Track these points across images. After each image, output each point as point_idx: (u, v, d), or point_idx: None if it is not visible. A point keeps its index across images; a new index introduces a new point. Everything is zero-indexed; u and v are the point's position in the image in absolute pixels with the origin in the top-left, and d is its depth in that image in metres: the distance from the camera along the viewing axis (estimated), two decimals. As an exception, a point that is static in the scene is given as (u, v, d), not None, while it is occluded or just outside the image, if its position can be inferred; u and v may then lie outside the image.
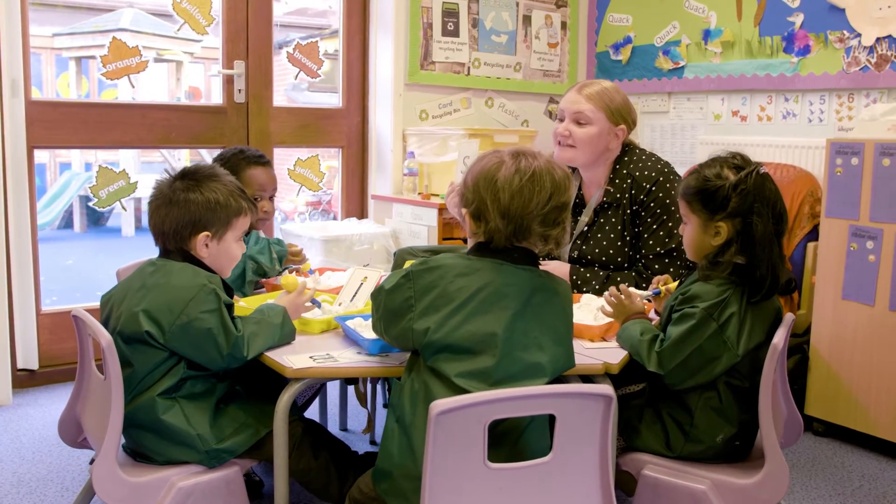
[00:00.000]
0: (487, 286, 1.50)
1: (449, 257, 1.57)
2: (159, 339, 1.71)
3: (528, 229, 1.53)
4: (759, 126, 3.55)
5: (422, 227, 3.50)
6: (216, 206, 1.82)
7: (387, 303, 1.57)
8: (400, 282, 1.56)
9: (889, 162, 2.59)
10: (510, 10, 4.11)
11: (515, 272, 1.54)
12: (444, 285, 1.51)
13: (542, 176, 1.53)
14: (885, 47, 3.06)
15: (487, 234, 1.54)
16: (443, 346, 1.48)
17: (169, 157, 8.78)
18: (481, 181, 1.55)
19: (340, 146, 3.92)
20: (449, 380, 1.46)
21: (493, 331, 1.48)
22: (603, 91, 2.40)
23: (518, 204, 1.52)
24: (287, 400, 1.69)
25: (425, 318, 1.50)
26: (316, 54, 3.73)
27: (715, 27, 3.67)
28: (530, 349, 1.51)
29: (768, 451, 1.74)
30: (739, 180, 1.79)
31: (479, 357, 1.47)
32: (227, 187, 1.86)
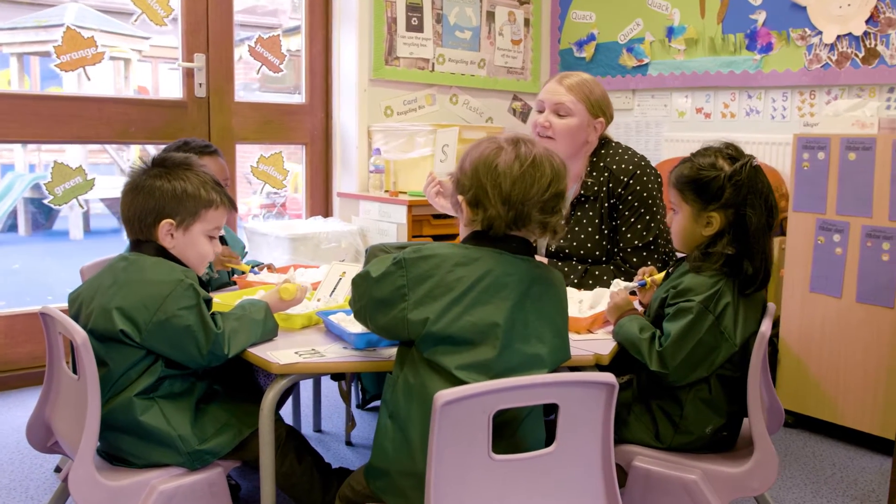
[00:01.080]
0: (487, 275, 1.47)
1: (443, 246, 1.52)
2: (135, 337, 1.63)
3: (528, 216, 1.50)
4: (722, 123, 3.60)
5: (390, 224, 3.45)
6: (183, 194, 1.75)
7: (374, 291, 1.52)
8: (390, 269, 1.50)
9: (855, 156, 2.64)
10: (474, 5, 4.09)
11: (514, 262, 1.51)
12: (441, 274, 1.46)
13: (542, 162, 1.51)
14: (845, 45, 3.13)
15: (486, 221, 1.50)
16: (442, 338, 1.44)
17: (117, 158, 8.55)
18: (481, 167, 1.51)
19: (304, 143, 3.85)
20: (448, 372, 1.42)
21: (495, 321, 1.44)
22: (583, 83, 2.39)
23: (519, 190, 1.48)
24: (273, 398, 1.64)
25: (422, 308, 1.45)
26: (278, 48, 3.65)
27: (678, 24, 3.71)
28: (530, 340, 1.48)
29: (757, 440, 1.75)
30: (734, 171, 1.79)
31: (479, 348, 1.44)
32: (199, 177, 1.79)
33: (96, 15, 7.88)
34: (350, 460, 2.56)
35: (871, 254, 2.61)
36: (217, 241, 1.84)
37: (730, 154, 1.84)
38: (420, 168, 3.52)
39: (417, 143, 3.53)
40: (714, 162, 1.82)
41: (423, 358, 1.46)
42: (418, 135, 3.52)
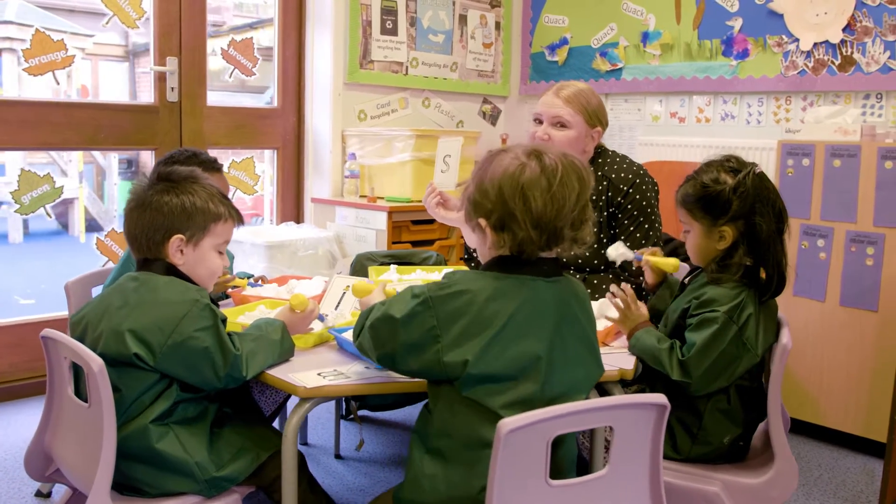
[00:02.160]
0: (523, 307, 1.38)
1: (469, 278, 1.42)
2: (149, 361, 1.56)
3: (560, 235, 1.40)
4: (697, 127, 3.64)
5: (369, 230, 3.39)
6: (192, 209, 1.67)
7: (401, 335, 1.42)
8: (416, 309, 1.40)
9: (840, 163, 2.70)
10: (447, 9, 4.06)
11: (548, 287, 1.43)
12: (475, 311, 1.37)
13: (569, 175, 1.40)
14: (821, 52, 3.20)
15: (516, 245, 1.41)
16: (484, 377, 1.37)
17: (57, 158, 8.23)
18: (506, 187, 1.40)
19: (276, 147, 3.76)
20: (493, 412, 1.36)
21: (536, 353, 1.38)
22: (580, 93, 2.37)
23: (552, 211, 1.38)
24: (296, 423, 1.58)
25: (460, 349, 1.37)
26: (251, 51, 3.56)
27: (654, 30, 3.74)
28: (571, 365, 1.43)
29: (777, 450, 1.77)
30: (738, 183, 1.80)
31: (522, 383, 1.37)
32: (206, 190, 1.72)
33: (36, 12, 7.58)
34: (340, 474, 2.50)
35: (855, 258, 2.68)
36: (226, 256, 1.78)
37: (732, 167, 1.84)
38: (398, 174, 3.48)
39: (395, 148, 3.48)
40: (717, 177, 1.82)
41: (462, 397, 1.39)
42: (396, 140, 3.47)
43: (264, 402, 2.26)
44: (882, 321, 2.64)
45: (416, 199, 3.43)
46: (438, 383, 1.44)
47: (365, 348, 1.52)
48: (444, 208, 2.39)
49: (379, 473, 2.50)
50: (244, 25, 8.60)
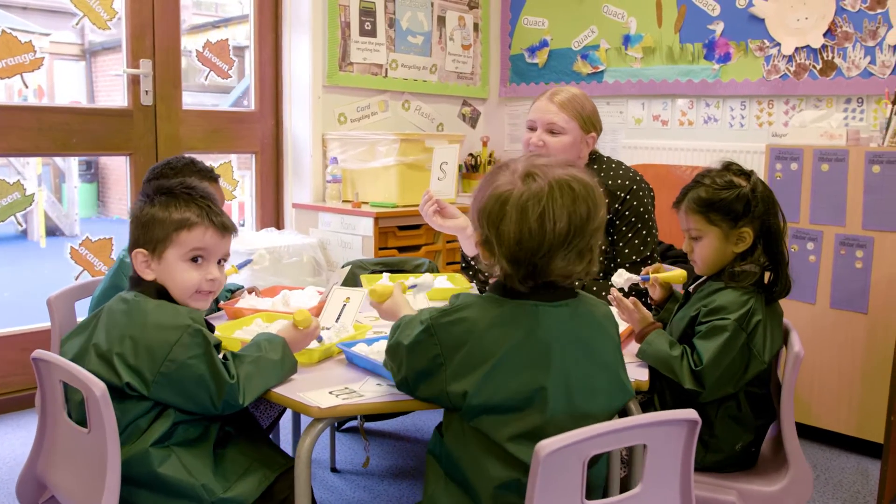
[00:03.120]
0: (528, 336, 1.31)
1: (472, 303, 1.35)
2: (143, 391, 1.48)
3: (545, 270, 1.29)
4: (680, 130, 3.65)
5: (354, 236, 3.33)
6: (149, 219, 1.58)
7: (411, 362, 1.38)
8: (420, 337, 1.36)
9: (828, 167, 2.72)
10: (425, 10, 4.01)
11: (554, 313, 1.33)
12: (474, 340, 1.31)
13: (558, 204, 1.27)
14: (803, 56, 3.23)
15: (501, 273, 1.34)
16: (485, 409, 1.31)
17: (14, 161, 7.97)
18: (492, 209, 1.30)
19: (254, 151, 3.67)
20: (499, 447, 1.31)
21: (541, 385, 1.31)
22: (574, 98, 2.34)
23: (527, 247, 1.27)
24: (310, 444, 1.51)
25: (460, 381, 1.31)
26: (227, 53, 3.47)
27: (635, 33, 3.74)
28: (583, 394, 1.35)
29: (792, 457, 1.76)
30: (754, 184, 1.81)
31: (528, 415, 1.31)
32: (173, 197, 1.60)
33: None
34: (339, 488, 2.44)
35: (845, 261, 2.70)
36: (211, 267, 1.62)
37: (739, 169, 1.85)
38: (382, 178, 3.42)
39: (379, 152, 3.42)
40: (731, 180, 1.82)
41: (469, 427, 1.34)
42: (380, 144, 3.41)
43: (259, 415, 2.19)
44: (872, 323, 2.67)
45: (401, 204, 3.38)
46: (450, 409, 1.39)
47: (390, 372, 1.49)
48: (441, 217, 2.35)
49: (378, 487, 2.44)
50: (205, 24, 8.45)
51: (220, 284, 1.65)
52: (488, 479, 1.33)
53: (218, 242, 1.63)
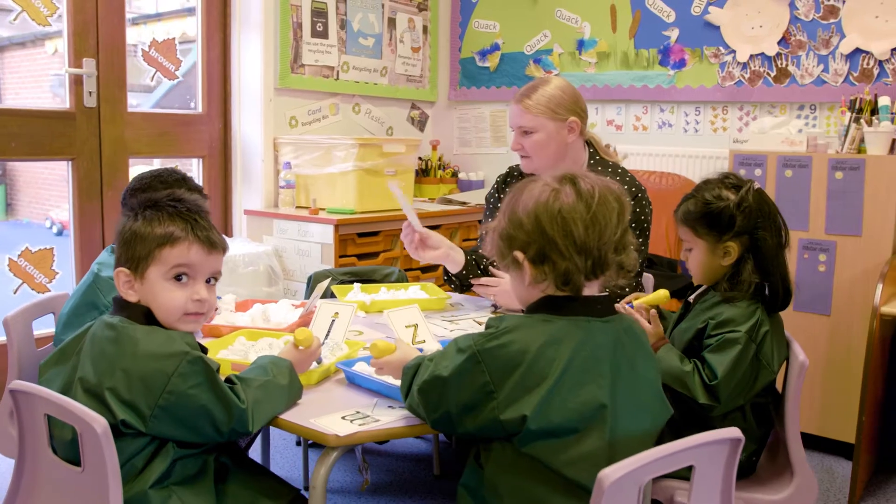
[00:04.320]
0: (580, 352, 1.28)
1: (520, 324, 1.31)
2: (139, 427, 1.35)
3: (605, 261, 1.32)
4: (635, 135, 3.68)
5: (313, 244, 3.22)
6: (130, 235, 1.45)
7: (453, 396, 1.31)
8: (464, 366, 1.30)
9: (791, 173, 2.78)
10: (376, 11, 3.92)
11: (603, 328, 1.33)
12: (529, 361, 1.27)
13: (606, 196, 1.33)
14: (757, 64, 3.30)
15: (560, 278, 1.32)
16: (545, 432, 1.27)
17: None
18: (543, 216, 1.32)
19: (201, 156, 3.51)
20: (554, 472, 1.27)
21: (600, 401, 1.28)
22: (539, 92, 2.29)
23: (594, 234, 1.30)
24: (325, 473, 1.44)
25: (517, 405, 1.26)
26: (174, 53, 3.30)
27: (589, 38, 3.75)
28: (635, 413, 1.34)
29: (797, 466, 1.77)
30: (741, 198, 1.80)
31: (585, 437, 1.28)
32: (156, 210, 1.47)
33: None
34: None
35: (809, 265, 2.76)
36: (197, 286, 1.47)
37: (732, 183, 1.84)
38: (339, 184, 3.32)
39: (336, 157, 3.32)
40: (719, 193, 1.81)
41: (518, 456, 1.29)
42: (337, 148, 3.31)
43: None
44: (834, 324, 2.74)
45: (360, 211, 3.28)
46: (491, 439, 1.33)
47: (419, 413, 1.41)
48: (424, 250, 2.30)
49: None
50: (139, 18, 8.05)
51: (209, 306, 1.50)
52: None
53: (204, 259, 1.48)
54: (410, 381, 1.44)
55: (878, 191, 2.64)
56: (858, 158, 2.67)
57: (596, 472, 1.27)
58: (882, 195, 2.63)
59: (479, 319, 2.27)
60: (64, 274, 3.04)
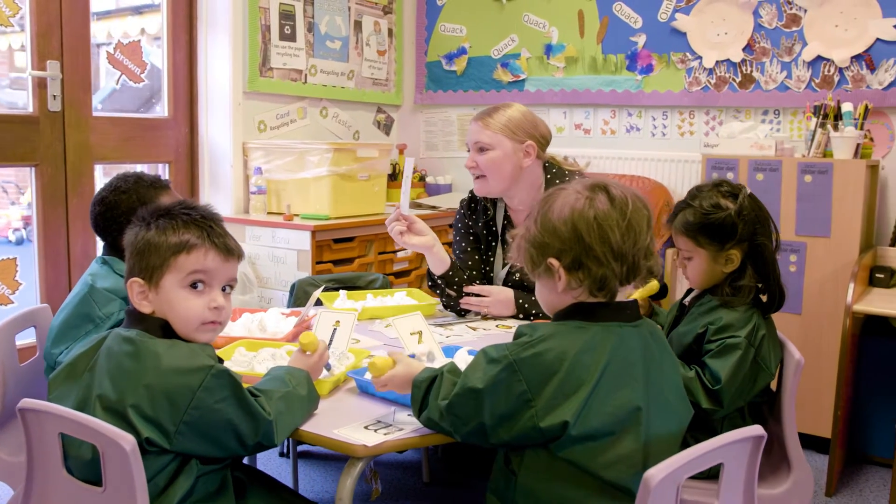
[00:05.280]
0: (615, 357, 1.32)
1: (556, 332, 1.33)
2: (164, 444, 1.32)
3: (638, 266, 1.36)
4: (602, 139, 3.74)
5: (289, 251, 3.18)
6: (143, 244, 1.42)
7: (489, 407, 1.32)
8: (500, 376, 1.31)
9: (762, 176, 2.87)
10: (343, 14, 3.89)
11: (633, 333, 1.37)
12: (567, 367, 1.29)
13: (637, 203, 1.37)
14: (723, 70, 3.39)
15: (595, 284, 1.35)
16: (584, 436, 1.29)
17: None
18: (580, 223, 1.34)
19: (168, 161, 3.42)
20: (592, 474, 1.30)
21: (636, 404, 1.32)
22: (499, 113, 2.32)
23: (630, 240, 1.34)
24: (351, 485, 1.43)
25: (557, 412, 1.28)
26: (139, 56, 3.21)
27: (557, 42, 3.79)
28: (666, 414, 1.38)
29: (795, 461, 1.83)
30: (741, 206, 1.83)
31: (620, 439, 1.31)
32: (169, 219, 1.44)
33: None
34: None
35: (780, 266, 2.83)
36: (214, 293, 1.44)
37: (727, 190, 1.87)
38: (313, 189, 3.28)
39: (309, 162, 3.28)
40: (717, 202, 1.83)
41: (554, 461, 1.31)
42: (310, 153, 3.27)
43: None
44: (805, 323, 2.84)
45: (334, 216, 3.26)
46: (534, 445, 1.34)
47: (442, 427, 1.40)
48: (411, 236, 2.27)
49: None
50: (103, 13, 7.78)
51: (226, 314, 1.47)
52: None
53: (220, 266, 1.45)
54: (424, 394, 1.44)
55: (846, 193, 2.74)
56: (826, 162, 2.78)
57: (632, 472, 1.31)
58: (849, 197, 2.74)
59: (472, 325, 2.28)
60: (28, 285, 2.93)
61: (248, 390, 1.45)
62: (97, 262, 1.94)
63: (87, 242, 3.06)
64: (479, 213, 2.45)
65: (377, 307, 2.37)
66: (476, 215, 2.46)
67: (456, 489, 2.64)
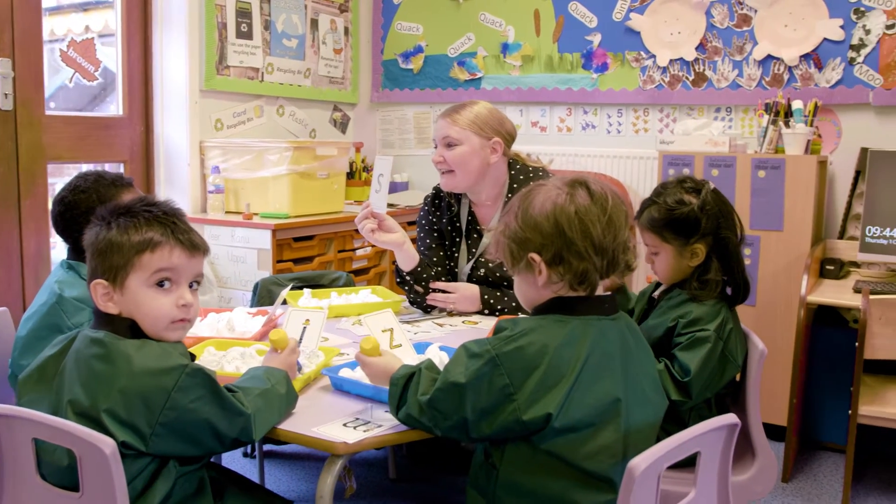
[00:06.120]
0: (595, 349, 1.35)
1: (537, 326, 1.35)
2: (140, 447, 1.31)
3: (617, 260, 1.39)
4: (559, 136, 3.79)
5: (248, 250, 3.15)
6: (107, 244, 1.39)
7: (472, 401, 1.33)
8: (483, 371, 1.32)
9: (717, 172, 2.94)
10: (299, 12, 3.86)
11: (611, 325, 1.40)
12: (548, 361, 1.31)
13: (616, 198, 1.41)
14: (677, 68, 3.47)
15: (576, 278, 1.37)
16: (566, 428, 1.31)
17: None
18: (561, 219, 1.36)
19: (122, 160, 3.36)
20: (573, 466, 1.32)
21: (615, 395, 1.35)
22: (464, 108, 2.37)
23: (611, 234, 1.37)
24: (332, 482, 1.43)
25: (539, 404, 1.30)
26: (93, 53, 3.15)
27: (513, 41, 3.83)
28: (643, 405, 1.41)
29: (759, 448, 1.89)
30: (704, 201, 1.88)
31: (601, 431, 1.33)
32: (131, 217, 1.41)
33: None
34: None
35: (735, 259, 2.93)
36: (182, 290, 1.42)
37: (690, 186, 1.91)
38: (272, 188, 3.26)
39: (269, 160, 3.25)
40: (681, 198, 1.88)
41: (535, 453, 1.33)
42: (269, 152, 3.25)
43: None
44: (759, 314, 2.92)
45: (294, 215, 3.24)
46: (505, 440, 1.36)
47: (422, 422, 1.40)
48: (382, 233, 2.28)
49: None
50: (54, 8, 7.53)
51: (195, 311, 1.45)
52: (561, 501, 1.31)
53: (186, 263, 1.42)
54: (402, 391, 1.44)
55: (798, 188, 2.83)
56: (779, 158, 2.86)
57: (614, 462, 1.34)
58: (801, 192, 2.83)
59: (439, 321, 2.29)
60: (-21, 289, 2.85)
61: (226, 387, 1.44)
62: (62, 268, 1.90)
63: (40, 243, 2.98)
64: (444, 210, 2.47)
65: (343, 305, 2.37)
66: (440, 211, 2.48)
67: (423, 485, 2.65)
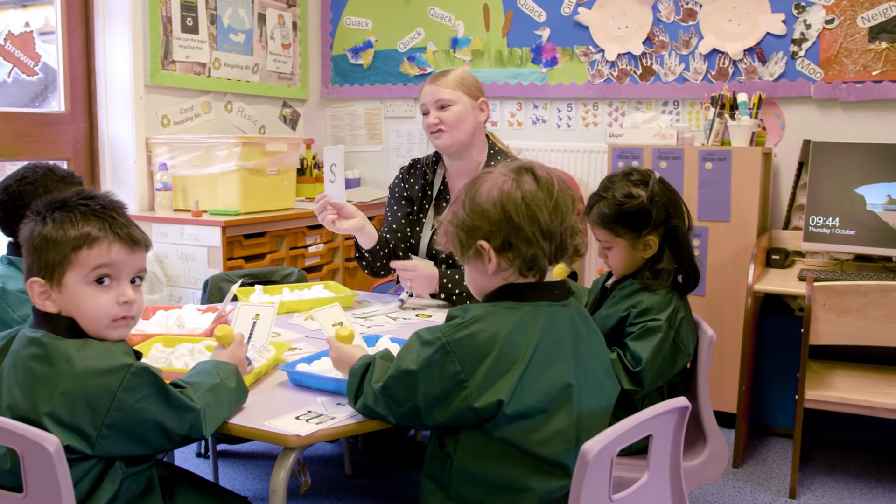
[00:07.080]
0: (546, 335, 1.35)
1: (488, 313, 1.35)
2: (86, 450, 1.27)
3: (565, 245, 1.39)
4: (510, 131, 3.80)
5: (198, 248, 3.09)
6: (42, 240, 1.33)
7: (423, 388, 1.32)
8: (434, 358, 1.32)
9: (666, 164, 2.99)
10: (246, 6, 3.80)
11: (561, 311, 1.40)
12: (499, 347, 1.31)
13: (562, 183, 1.41)
14: (625, 62, 3.51)
15: (525, 264, 1.37)
16: (518, 415, 1.31)
17: None
18: (509, 205, 1.36)
19: (66, 158, 3.27)
20: (527, 452, 1.32)
21: (567, 381, 1.35)
22: (452, 73, 2.46)
23: (558, 219, 1.37)
24: (285, 476, 1.41)
25: (491, 391, 1.30)
26: (32, 47, 3.06)
27: (463, 36, 3.83)
28: (595, 390, 1.42)
29: (710, 434, 1.92)
30: (652, 192, 1.90)
31: (553, 416, 1.34)
32: (66, 211, 1.35)
33: None
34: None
35: (684, 249, 2.97)
36: (122, 287, 1.37)
37: (637, 179, 1.92)
38: (221, 185, 3.20)
39: (217, 157, 3.20)
40: (629, 191, 1.89)
41: (489, 440, 1.33)
42: (218, 148, 3.19)
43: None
44: (708, 304, 2.98)
45: (244, 212, 3.19)
46: (458, 427, 1.36)
47: (377, 411, 1.39)
48: (343, 221, 2.29)
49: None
50: None
51: (138, 308, 1.40)
52: (515, 488, 1.32)
53: (126, 258, 1.37)
54: (360, 382, 1.43)
55: (744, 179, 2.89)
56: (725, 150, 2.92)
57: (567, 447, 1.34)
58: (747, 183, 2.89)
59: (392, 315, 2.28)
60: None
61: (174, 383, 1.40)
62: (2, 264, 1.84)
63: (-21, 245, 2.89)
64: (417, 177, 2.56)
65: (295, 300, 2.34)
66: (413, 179, 2.57)
67: (378, 480, 2.64)
